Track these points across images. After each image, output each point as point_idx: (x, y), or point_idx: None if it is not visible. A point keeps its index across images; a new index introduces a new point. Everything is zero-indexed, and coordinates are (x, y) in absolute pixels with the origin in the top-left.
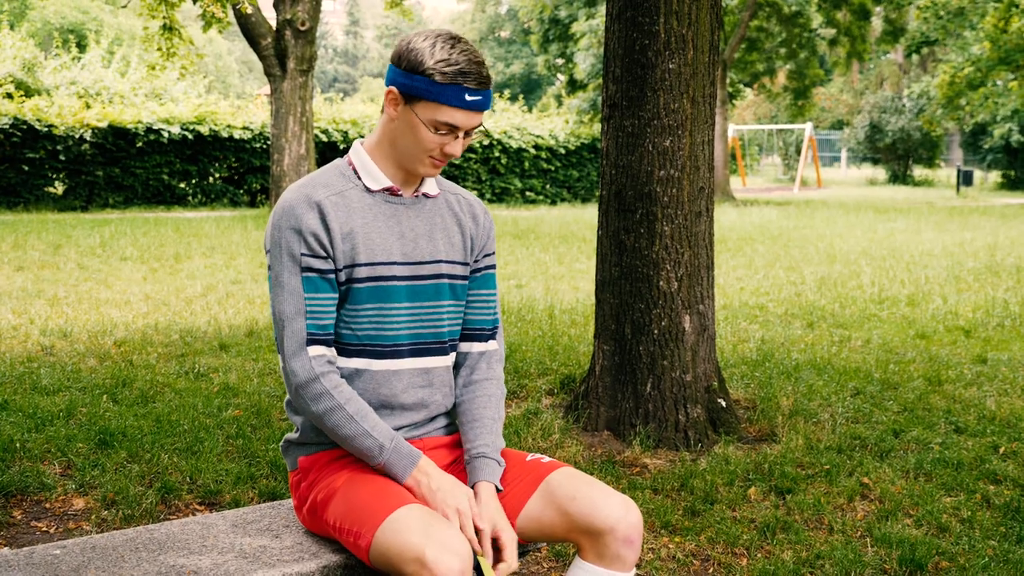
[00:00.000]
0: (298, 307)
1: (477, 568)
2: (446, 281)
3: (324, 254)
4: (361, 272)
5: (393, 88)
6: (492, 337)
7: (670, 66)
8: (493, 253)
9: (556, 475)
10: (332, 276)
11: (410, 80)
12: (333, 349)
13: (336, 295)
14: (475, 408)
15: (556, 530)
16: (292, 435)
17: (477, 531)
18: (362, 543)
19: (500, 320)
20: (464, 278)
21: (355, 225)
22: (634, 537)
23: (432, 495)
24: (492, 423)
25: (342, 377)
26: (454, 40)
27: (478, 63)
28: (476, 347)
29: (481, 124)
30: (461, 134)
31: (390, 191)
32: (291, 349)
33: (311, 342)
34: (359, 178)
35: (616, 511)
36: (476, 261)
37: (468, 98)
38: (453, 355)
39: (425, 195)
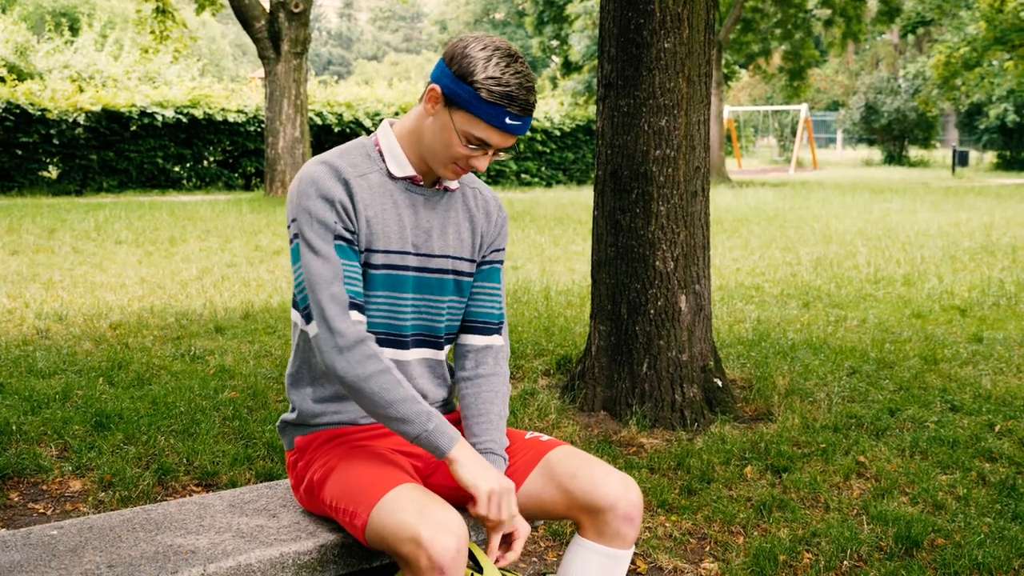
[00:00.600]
0: (336, 272)
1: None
2: (451, 277)
3: (352, 228)
4: (376, 258)
5: (437, 87)
6: (497, 331)
7: (665, 45)
8: (503, 249)
9: (556, 453)
10: (357, 248)
11: (456, 86)
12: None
13: (360, 267)
14: (481, 403)
15: (556, 507)
16: (289, 416)
17: (494, 524)
18: (358, 523)
19: (506, 316)
20: (469, 275)
21: (376, 210)
22: (634, 514)
23: (474, 469)
24: (498, 420)
25: None
26: (510, 58)
27: (527, 88)
28: (481, 340)
29: (514, 144)
30: (491, 151)
31: (412, 180)
32: (334, 311)
33: (352, 306)
34: (383, 161)
35: (616, 489)
36: (483, 256)
37: (509, 121)
38: (447, 349)
39: (445, 188)
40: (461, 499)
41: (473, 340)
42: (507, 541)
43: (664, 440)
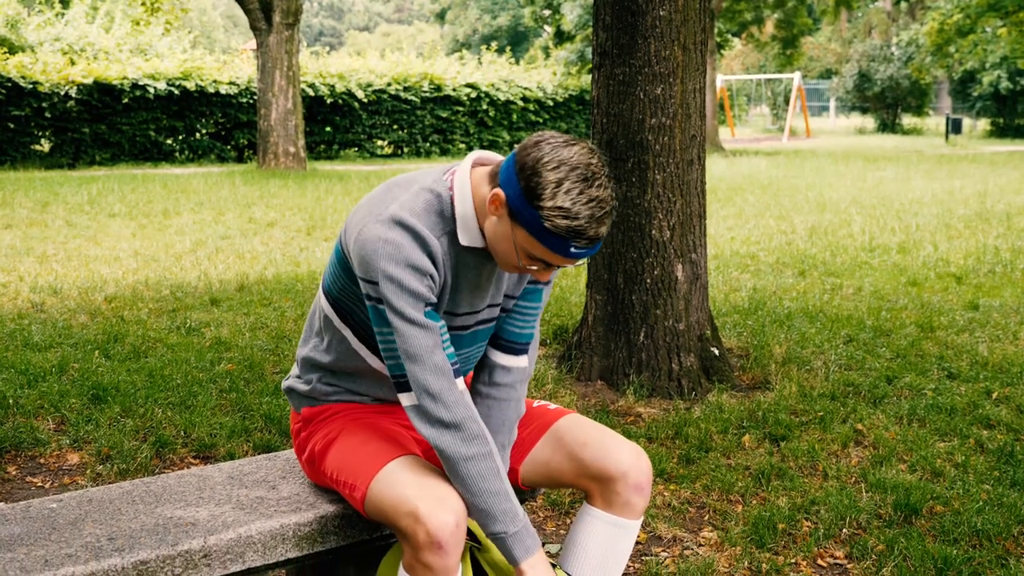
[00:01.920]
0: (435, 340)
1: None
2: (495, 320)
3: (437, 294)
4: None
5: (501, 194)
6: (524, 352)
7: (660, 13)
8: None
9: (564, 421)
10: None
11: (521, 204)
12: None
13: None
14: (489, 428)
15: (564, 476)
16: (299, 386)
17: None
18: (357, 495)
19: (537, 336)
20: (508, 309)
21: (446, 279)
22: (644, 484)
23: None
24: (501, 448)
25: (372, 375)
26: (585, 183)
27: (599, 219)
28: (503, 359)
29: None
30: (555, 269)
31: (480, 248)
32: (439, 385)
33: (456, 373)
34: (454, 223)
35: (628, 458)
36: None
37: (574, 251)
38: None
39: None
40: None
41: (496, 357)
42: None
43: (662, 409)
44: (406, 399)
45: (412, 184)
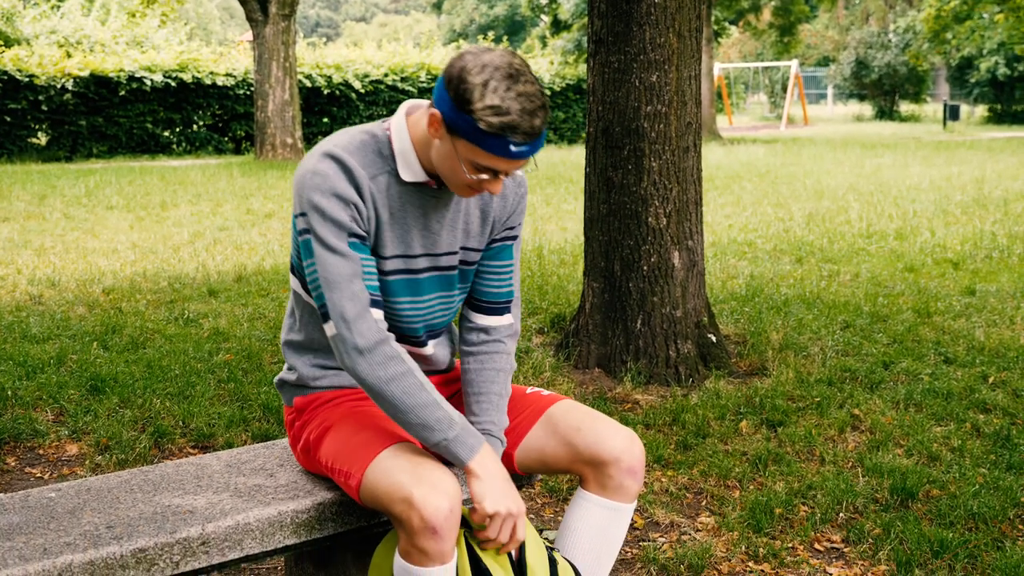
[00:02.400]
0: (354, 270)
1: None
2: (457, 270)
3: (365, 228)
4: (388, 264)
5: (436, 112)
6: (506, 311)
7: (655, 0)
8: (518, 226)
9: (558, 407)
10: (370, 245)
11: (455, 115)
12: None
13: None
14: (482, 381)
15: (559, 461)
16: (288, 376)
17: (496, 546)
18: (352, 482)
19: (518, 294)
20: (475, 262)
21: (385, 216)
22: (637, 468)
23: (487, 486)
24: (498, 399)
25: None
26: (511, 79)
27: (531, 112)
28: (487, 320)
29: (528, 162)
30: (503, 175)
31: (424, 184)
32: (354, 311)
33: (373, 303)
34: (395, 162)
35: (621, 442)
36: (493, 236)
37: (513, 149)
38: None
39: None
40: None
41: (480, 319)
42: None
43: (659, 396)
44: (328, 329)
45: (351, 130)
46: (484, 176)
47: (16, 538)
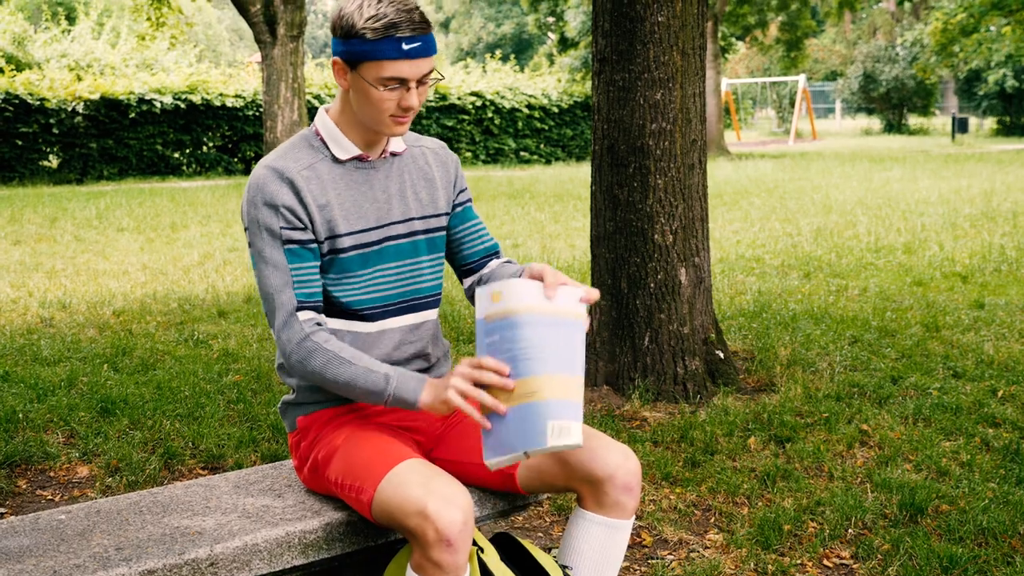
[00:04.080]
0: (285, 279)
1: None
2: (421, 237)
3: (302, 225)
4: (344, 242)
5: (337, 59)
6: (498, 256)
7: (659, 19)
8: (465, 188)
9: None
10: (314, 245)
11: (348, 45)
12: (323, 315)
13: (319, 262)
14: (506, 272)
15: (556, 480)
16: (289, 396)
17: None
18: (364, 498)
19: (498, 244)
20: (441, 229)
21: (330, 197)
22: (633, 484)
23: (443, 391)
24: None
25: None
26: None
27: (408, 10)
28: (487, 270)
29: (432, 70)
30: (413, 85)
31: (359, 159)
32: (281, 319)
33: (300, 308)
34: (327, 148)
35: (614, 459)
36: (452, 204)
37: (405, 47)
38: (438, 308)
39: (392, 154)
40: (463, 474)
41: (482, 272)
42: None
43: (667, 413)
44: (274, 334)
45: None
46: (397, 91)
47: (26, 560)
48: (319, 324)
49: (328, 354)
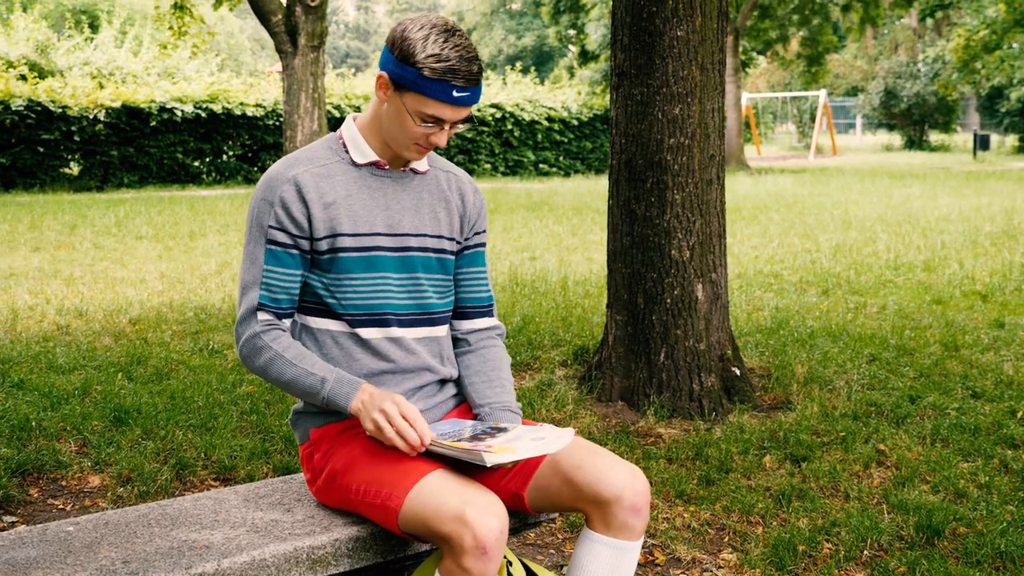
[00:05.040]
0: (256, 277)
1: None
2: (432, 255)
3: (293, 230)
4: (345, 241)
5: (384, 74)
6: (489, 314)
7: (678, 33)
8: (483, 232)
9: None
10: (296, 252)
11: (401, 70)
12: (286, 320)
13: (299, 272)
14: (489, 369)
15: (563, 500)
16: (298, 406)
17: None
18: (392, 504)
19: (494, 299)
20: (451, 253)
21: (338, 196)
22: (641, 505)
23: (371, 403)
24: (508, 383)
25: (334, 344)
26: (448, 33)
27: (468, 59)
28: (475, 324)
29: (469, 115)
30: (447, 126)
31: (376, 165)
32: (240, 314)
33: (260, 308)
34: (347, 152)
35: (622, 479)
36: (466, 239)
37: (456, 94)
38: (446, 327)
39: (413, 171)
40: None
41: (467, 324)
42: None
43: (682, 430)
44: None
45: None
46: (430, 127)
47: (33, 572)
48: (273, 326)
49: (272, 352)
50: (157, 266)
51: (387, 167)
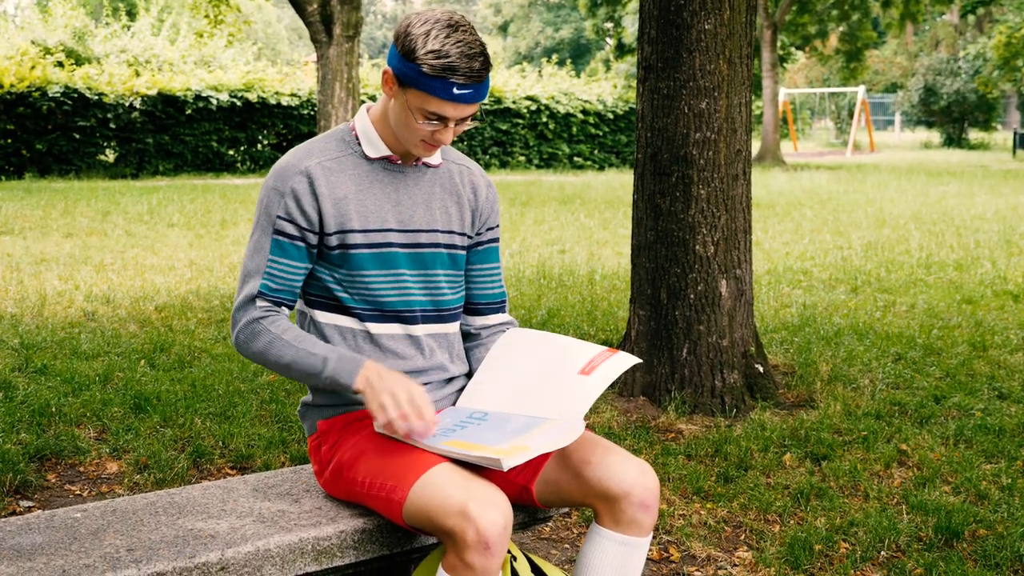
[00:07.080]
0: (259, 266)
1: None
2: (444, 251)
3: (302, 222)
4: (356, 238)
5: (389, 69)
6: (502, 310)
7: (706, 27)
8: (496, 227)
9: None
10: (303, 246)
11: (403, 65)
12: (284, 309)
13: (305, 265)
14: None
15: (573, 495)
16: (307, 398)
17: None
18: (396, 496)
19: (506, 294)
20: (462, 248)
21: (348, 191)
22: (650, 502)
23: (380, 383)
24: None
25: (343, 340)
26: (451, 28)
27: (470, 56)
28: (488, 320)
29: (476, 112)
30: (452, 123)
31: (388, 159)
32: (239, 301)
33: (259, 296)
34: (359, 144)
35: (631, 475)
36: (478, 234)
37: (456, 92)
38: (457, 323)
39: (426, 164)
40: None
41: (480, 320)
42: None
43: (703, 426)
44: None
45: None
46: (435, 124)
47: (37, 559)
48: (270, 311)
49: (271, 335)
50: (187, 254)
51: (399, 161)
